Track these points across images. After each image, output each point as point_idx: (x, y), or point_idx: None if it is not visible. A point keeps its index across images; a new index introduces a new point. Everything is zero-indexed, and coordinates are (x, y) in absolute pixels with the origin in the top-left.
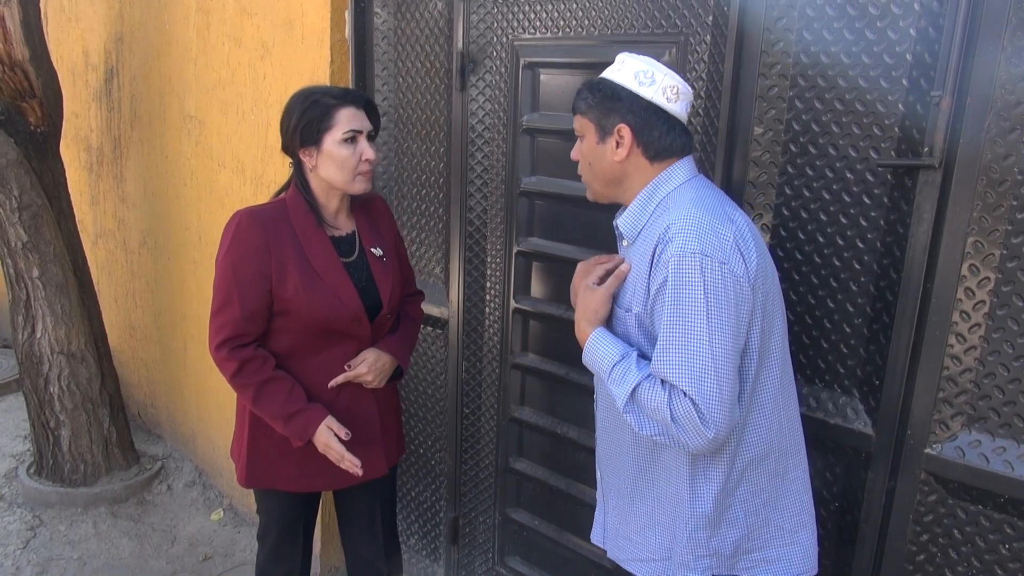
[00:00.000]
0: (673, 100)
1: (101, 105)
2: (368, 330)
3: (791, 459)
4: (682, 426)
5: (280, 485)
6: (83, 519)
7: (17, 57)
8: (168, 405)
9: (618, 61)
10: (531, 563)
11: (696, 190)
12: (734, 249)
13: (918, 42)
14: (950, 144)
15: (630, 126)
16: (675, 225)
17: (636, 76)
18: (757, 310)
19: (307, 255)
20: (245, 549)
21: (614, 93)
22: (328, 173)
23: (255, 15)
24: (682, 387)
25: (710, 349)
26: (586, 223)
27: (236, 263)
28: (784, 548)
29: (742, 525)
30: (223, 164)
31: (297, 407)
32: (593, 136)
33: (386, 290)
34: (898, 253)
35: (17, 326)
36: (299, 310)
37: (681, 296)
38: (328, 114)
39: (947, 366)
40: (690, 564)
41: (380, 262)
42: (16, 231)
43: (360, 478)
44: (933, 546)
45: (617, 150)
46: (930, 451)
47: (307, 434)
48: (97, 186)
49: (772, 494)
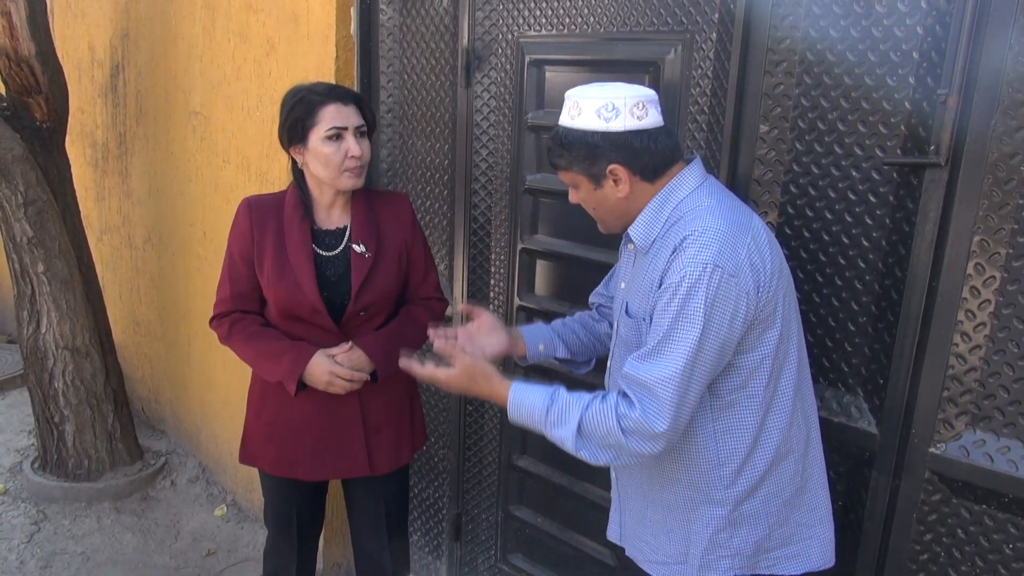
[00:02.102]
0: (643, 115)
1: (107, 101)
2: (328, 321)
3: (809, 457)
4: (633, 434)
5: (267, 468)
6: (87, 514)
7: (23, 53)
8: (172, 401)
9: (571, 105)
10: (533, 560)
11: (711, 197)
12: (747, 262)
13: (924, 40)
14: (956, 142)
15: (620, 163)
16: (691, 236)
17: (599, 114)
18: (778, 313)
19: (285, 244)
20: (248, 545)
21: (587, 141)
22: (316, 169)
23: (260, 11)
24: (656, 385)
25: (695, 358)
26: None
27: (231, 246)
28: (803, 543)
29: (764, 525)
30: (228, 160)
31: (286, 344)
32: (588, 185)
33: (356, 286)
34: (903, 251)
35: (22, 321)
36: (270, 295)
37: (683, 302)
38: (312, 111)
39: (952, 365)
40: (711, 564)
41: (360, 259)
42: (21, 226)
43: (342, 473)
44: (937, 545)
45: (617, 188)
46: (934, 450)
47: (299, 367)
48: (102, 182)
49: (792, 493)
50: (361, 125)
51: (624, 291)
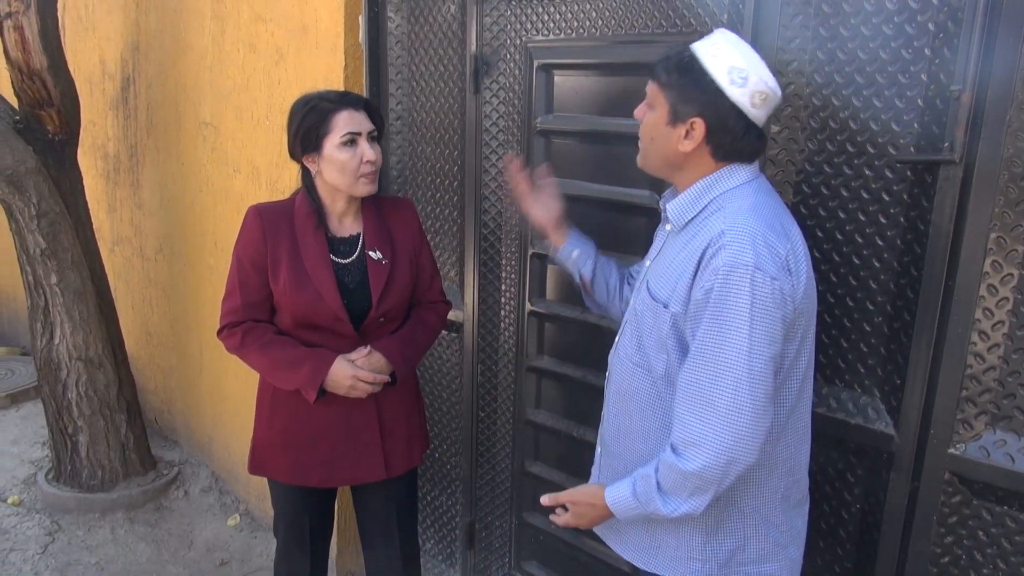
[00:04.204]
0: (759, 106)
1: (118, 113)
2: (350, 329)
3: (794, 475)
4: (688, 456)
5: (278, 476)
6: (101, 524)
7: (35, 66)
8: (184, 411)
9: (715, 40)
10: (548, 567)
11: (756, 196)
12: (784, 267)
13: (936, 36)
14: (971, 139)
15: (706, 122)
16: (729, 232)
17: (729, 72)
18: (796, 332)
19: (300, 252)
20: (261, 555)
21: (700, 83)
22: (331, 177)
23: (269, 21)
24: (713, 395)
25: (748, 362)
26: (602, 225)
27: (240, 254)
28: (777, 564)
29: (739, 536)
30: (238, 169)
31: (304, 352)
32: (664, 114)
33: (377, 292)
34: (919, 250)
35: (36, 332)
36: (287, 304)
37: (726, 307)
38: (325, 119)
39: (970, 364)
40: (681, 561)
41: (377, 265)
42: (35, 238)
43: (357, 478)
44: (958, 548)
45: (685, 140)
46: (954, 451)
47: (320, 375)
48: (114, 193)
49: (772, 509)
50: (373, 130)
51: (648, 268)
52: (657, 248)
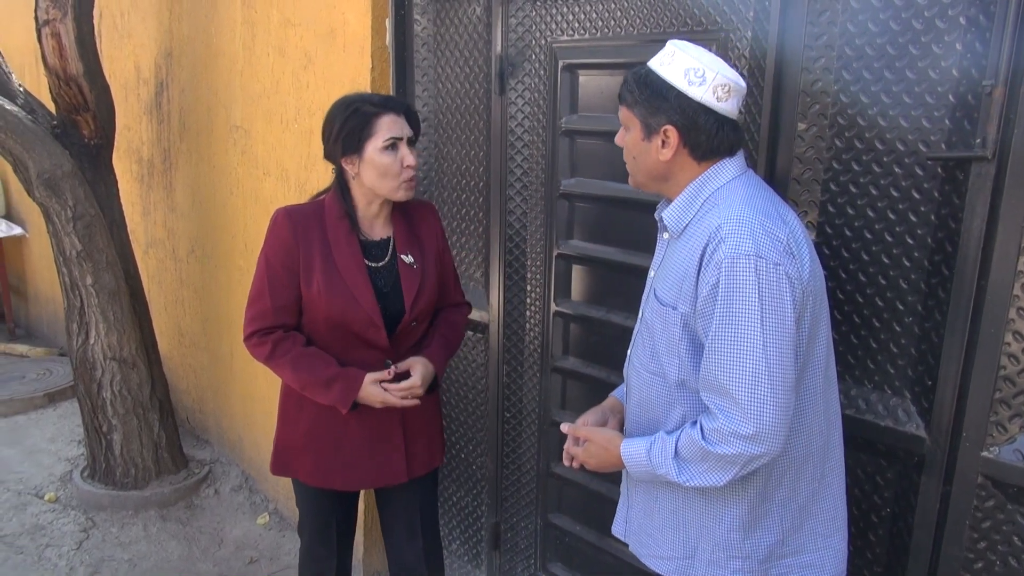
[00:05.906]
0: (724, 99)
1: (152, 118)
2: (384, 335)
3: (829, 463)
4: (719, 442)
5: (303, 478)
6: (134, 521)
7: (72, 72)
8: (215, 410)
9: (668, 51)
10: (573, 569)
11: (747, 188)
12: (787, 251)
13: (968, 30)
14: (1003, 135)
15: (677, 128)
16: (727, 225)
17: (686, 75)
18: (806, 314)
19: (333, 256)
20: (290, 553)
21: (661, 92)
22: (371, 181)
23: (298, 25)
24: (732, 388)
25: (764, 352)
26: (626, 224)
27: (269, 257)
28: (818, 553)
29: (777, 530)
30: (268, 172)
31: (334, 372)
32: (638, 131)
33: (410, 296)
34: (950, 249)
35: (72, 332)
36: (320, 308)
37: (734, 298)
38: (369, 122)
39: (1004, 365)
40: (720, 563)
41: (409, 269)
42: (71, 240)
43: (380, 481)
44: (992, 553)
45: (662, 150)
46: (987, 454)
47: (351, 395)
48: (148, 197)
49: (809, 499)
50: (412, 135)
51: (653, 278)
52: (659, 257)
